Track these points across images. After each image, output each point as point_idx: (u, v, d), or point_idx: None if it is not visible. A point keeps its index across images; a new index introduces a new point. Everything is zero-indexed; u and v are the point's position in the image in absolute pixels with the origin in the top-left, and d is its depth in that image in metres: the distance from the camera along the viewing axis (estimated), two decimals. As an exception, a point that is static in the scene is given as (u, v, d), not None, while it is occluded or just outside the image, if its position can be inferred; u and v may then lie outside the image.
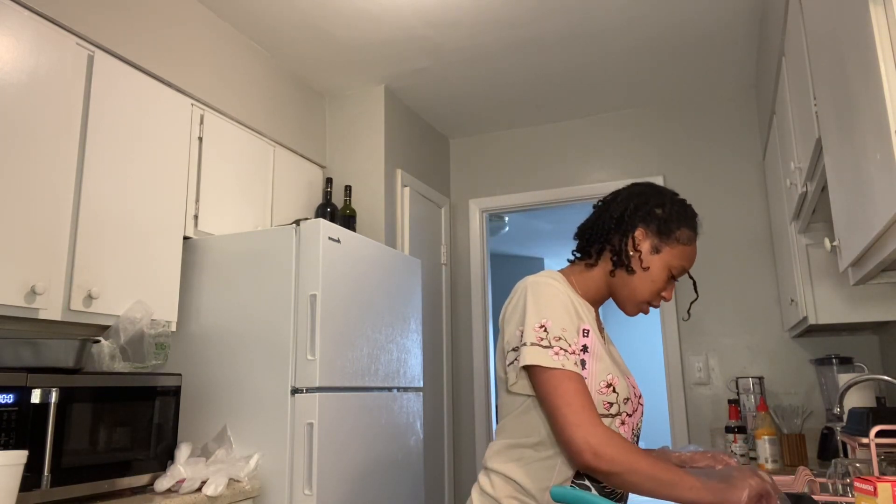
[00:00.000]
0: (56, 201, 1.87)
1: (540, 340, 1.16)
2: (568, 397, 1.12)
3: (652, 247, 1.27)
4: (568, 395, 1.12)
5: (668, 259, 1.27)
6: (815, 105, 1.67)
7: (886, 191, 1.07)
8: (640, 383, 8.46)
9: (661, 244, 1.27)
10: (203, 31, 2.53)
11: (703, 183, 3.35)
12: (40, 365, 1.74)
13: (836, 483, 1.23)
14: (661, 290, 1.28)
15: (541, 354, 1.15)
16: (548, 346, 1.16)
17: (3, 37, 1.78)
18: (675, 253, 1.27)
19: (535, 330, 1.17)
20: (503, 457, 1.22)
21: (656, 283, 1.27)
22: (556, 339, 1.16)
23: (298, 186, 3.01)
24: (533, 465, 1.18)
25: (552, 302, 1.19)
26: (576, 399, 1.11)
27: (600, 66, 3.08)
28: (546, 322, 1.18)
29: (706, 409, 3.15)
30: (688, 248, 1.29)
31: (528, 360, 1.15)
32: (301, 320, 2.16)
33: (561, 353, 1.15)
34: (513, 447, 1.22)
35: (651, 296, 1.28)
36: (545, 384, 1.14)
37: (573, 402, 1.11)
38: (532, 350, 1.16)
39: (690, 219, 1.31)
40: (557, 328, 1.17)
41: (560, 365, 1.14)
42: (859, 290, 2.28)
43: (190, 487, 1.86)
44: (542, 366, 1.14)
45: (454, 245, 3.81)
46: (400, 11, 2.60)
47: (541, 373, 1.15)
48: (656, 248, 1.27)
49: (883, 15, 1.05)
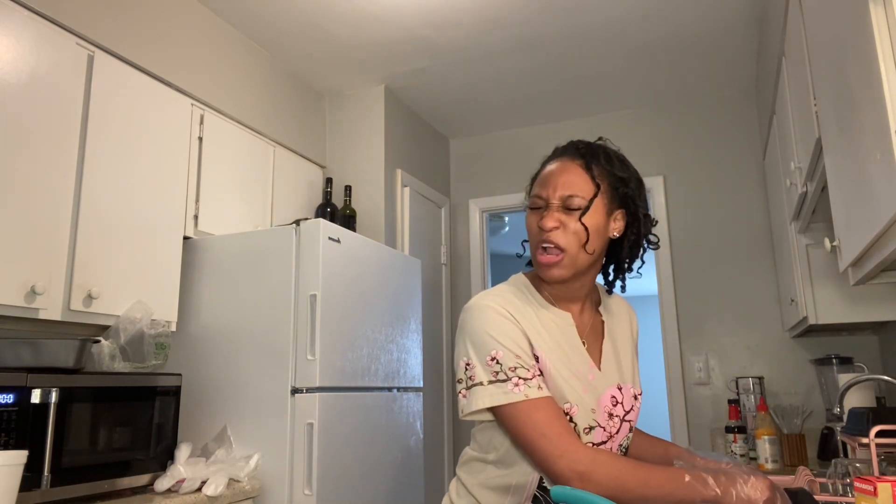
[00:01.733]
0: (56, 201, 1.87)
1: (496, 375, 1.08)
2: (541, 428, 1.04)
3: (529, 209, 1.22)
4: (540, 426, 1.05)
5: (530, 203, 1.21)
6: (815, 105, 1.67)
7: (886, 191, 1.07)
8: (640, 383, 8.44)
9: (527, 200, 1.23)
10: (203, 31, 2.53)
11: (703, 183, 3.35)
12: (40, 365, 1.74)
13: (836, 483, 1.23)
14: (534, 231, 1.18)
15: (499, 392, 1.07)
16: (505, 379, 1.08)
17: (3, 37, 1.78)
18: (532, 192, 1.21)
19: (489, 364, 1.09)
20: (468, 468, 1.20)
21: (528, 229, 1.20)
22: (512, 369, 1.08)
23: (298, 186, 3.01)
24: (493, 480, 1.15)
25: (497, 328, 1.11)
26: (550, 428, 1.04)
27: (600, 66, 3.08)
28: (496, 353, 1.09)
29: (706, 409, 3.15)
30: (538, 178, 1.22)
31: (489, 402, 1.08)
32: (301, 320, 2.16)
33: (521, 383, 1.07)
34: (476, 460, 1.19)
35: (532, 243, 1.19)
36: (513, 420, 1.07)
37: (547, 432, 1.04)
38: (491, 390, 1.08)
39: (541, 167, 1.25)
40: (511, 357, 1.09)
41: (524, 396, 1.06)
42: (859, 290, 2.28)
43: (190, 487, 1.86)
44: (504, 404, 1.07)
45: (454, 245, 3.81)
46: (400, 11, 2.60)
47: (504, 410, 1.07)
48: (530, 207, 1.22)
49: (883, 15, 1.05)
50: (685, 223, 3.35)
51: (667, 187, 3.42)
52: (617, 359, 1.24)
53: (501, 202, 3.76)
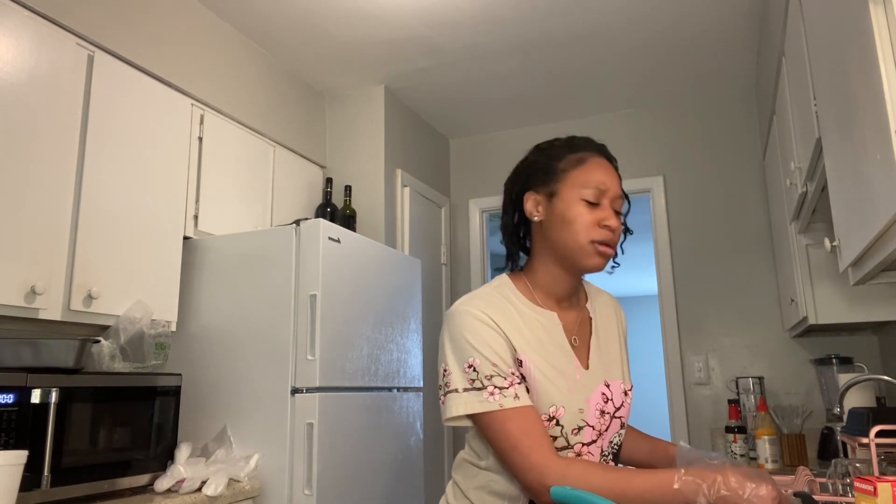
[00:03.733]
0: (56, 201, 1.87)
1: (472, 383, 1.08)
2: (513, 440, 1.05)
3: (547, 196, 1.18)
4: (512, 437, 1.05)
5: (570, 192, 1.16)
6: (815, 105, 1.67)
7: (886, 191, 1.07)
8: (640, 383, 8.43)
9: (553, 186, 1.18)
10: (203, 31, 2.53)
11: (703, 183, 3.35)
12: (40, 365, 1.74)
13: (836, 483, 1.23)
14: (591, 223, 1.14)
15: (474, 400, 1.07)
16: (481, 387, 1.08)
17: (3, 37, 1.78)
18: (571, 181, 1.16)
19: (466, 371, 1.09)
20: (463, 472, 1.20)
21: (578, 221, 1.14)
22: (488, 377, 1.08)
23: (298, 186, 3.01)
24: (489, 485, 1.15)
25: (475, 336, 1.10)
26: (521, 440, 1.04)
27: (600, 66, 3.08)
28: (473, 361, 1.09)
29: (706, 409, 3.15)
30: (581, 169, 1.17)
31: (463, 409, 1.08)
32: (301, 320, 2.16)
33: (497, 392, 1.07)
34: (470, 464, 1.18)
35: (585, 234, 1.14)
36: (488, 429, 1.08)
37: (519, 445, 1.04)
38: (466, 397, 1.08)
39: (566, 145, 1.21)
40: (487, 366, 1.08)
41: (498, 405, 1.06)
42: (859, 290, 2.28)
43: (190, 487, 1.86)
44: (479, 413, 1.07)
45: (454, 245, 3.81)
46: (400, 11, 2.60)
47: (480, 418, 1.08)
48: (551, 194, 1.18)
49: (883, 15, 1.05)
50: (685, 223, 3.35)
51: (667, 187, 3.42)
52: (606, 355, 1.24)
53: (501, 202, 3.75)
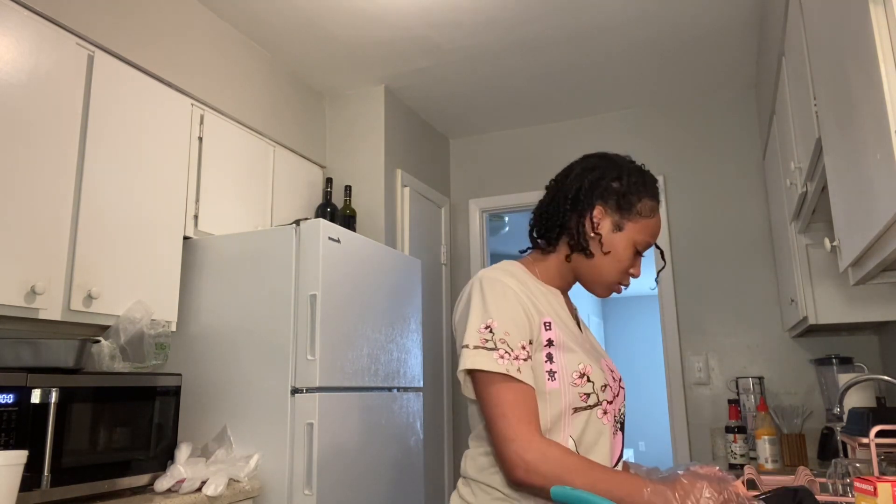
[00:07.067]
0: (56, 201, 1.87)
1: (485, 342, 1.09)
2: (504, 408, 1.06)
3: (613, 224, 1.19)
4: (504, 405, 1.06)
5: (632, 235, 1.19)
6: (815, 105, 1.67)
7: (886, 191, 1.07)
8: (640, 383, 8.43)
9: (623, 220, 1.19)
10: (203, 31, 2.53)
11: (703, 183, 3.35)
12: (40, 365, 1.74)
13: (836, 483, 1.23)
14: (628, 269, 1.20)
15: (483, 357, 1.08)
16: (493, 347, 1.09)
17: (3, 37, 1.78)
18: (638, 228, 1.20)
19: (481, 331, 1.10)
20: (480, 465, 1.17)
21: (622, 263, 1.19)
22: (501, 340, 1.09)
23: (298, 186, 3.01)
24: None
25: (500, 302, 1.12)
26: (513, 411, 1.05)
27: (600, 66, 3.08)
28: (492, 322, 1.10)
29: (706, 409, 3.15)
30: (651, 221, 1.21)
31: (469, 363, 1.09)
32: (301, 320, 2.16)
33: (506, 356, 1.08)
34: (489, 454, 1.16)
35: (619, 275, 1.21)
36: (485, 389, 1.09)
37: (509, 414, 1.05)
38: (474, 353, 1.09)
39: (651, 187, 1.23)
40: (502, 330, 1.10)
41: (504, 370, 1.07)
42: (859, 290, 2.28)
43: (190, 487, 1.86)
44: (483, 370, 1.08)
45: (454, 245, 3.81)
46: (400, 11, 2.60)
47: (482, 377, 1.09)
48: (618, 226, 1.19)
49: (883, 15, 1.05)
50: (685, 223, 3.35)
51: (667, 187, 3.42)
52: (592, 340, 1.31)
53: (501, 202, 3.76)
